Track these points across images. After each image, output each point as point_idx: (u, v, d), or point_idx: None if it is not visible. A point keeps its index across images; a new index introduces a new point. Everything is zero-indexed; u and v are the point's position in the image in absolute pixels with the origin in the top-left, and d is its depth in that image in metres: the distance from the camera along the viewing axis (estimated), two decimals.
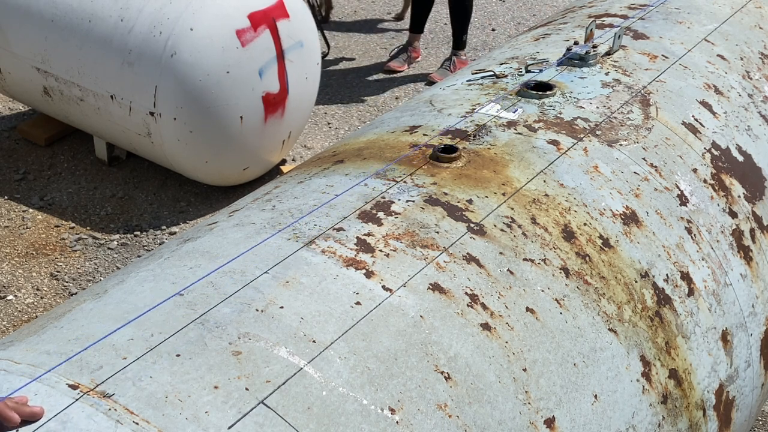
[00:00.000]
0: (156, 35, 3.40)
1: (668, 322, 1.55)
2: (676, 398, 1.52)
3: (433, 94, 2.01)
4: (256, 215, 1.46)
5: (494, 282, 1.36)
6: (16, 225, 3.72)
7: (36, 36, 3.69)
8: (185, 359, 1.07)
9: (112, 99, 3.57)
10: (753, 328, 1.77)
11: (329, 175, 1.60)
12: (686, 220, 1.70)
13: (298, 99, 3.89)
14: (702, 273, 1.66)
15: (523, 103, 1.83)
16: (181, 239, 1.46)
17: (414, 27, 5.52)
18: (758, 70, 2.25)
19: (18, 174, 4.07)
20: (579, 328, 1.39)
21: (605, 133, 1.77)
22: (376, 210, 1.44)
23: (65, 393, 1.00)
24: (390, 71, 5.43)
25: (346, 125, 4.75)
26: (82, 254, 3.54)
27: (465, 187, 1.53)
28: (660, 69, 2.05)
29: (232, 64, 3.46)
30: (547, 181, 1.60)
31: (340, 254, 1.31)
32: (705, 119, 1.95)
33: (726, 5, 2.48)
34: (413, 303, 1.26)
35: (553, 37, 2.26)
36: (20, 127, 4.36)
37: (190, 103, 3.44)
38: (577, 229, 1.53)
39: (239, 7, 3.50)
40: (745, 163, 1.94)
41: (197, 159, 3.66)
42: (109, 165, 4.11)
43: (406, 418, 1.12)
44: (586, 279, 1.46)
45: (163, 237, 3.67)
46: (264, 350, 1.11)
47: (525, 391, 1.27)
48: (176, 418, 0.99)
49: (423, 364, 1.19)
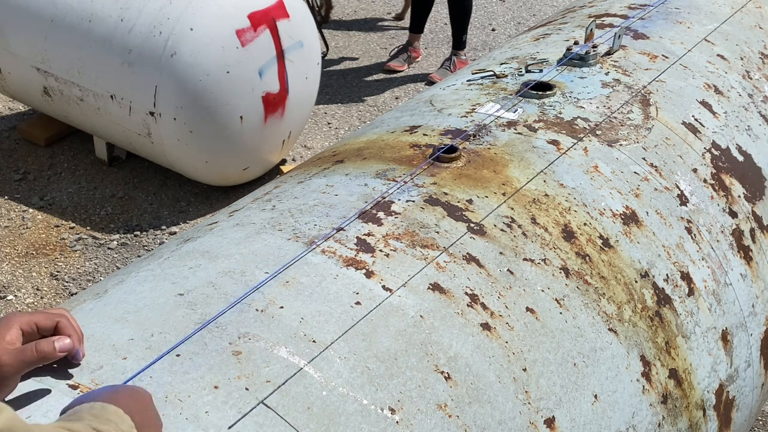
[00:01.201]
0: (156, 35, 3.40)
1: (668, 322, 1.55)
2: (676, 398, 1.52)
3: (433, 94, 2.01)
4: (256, 215, 1.46)
5: (494, 282, 1.36)
6: (16, 225, 3.72)
7: (36, 36, 3.69)
8: (185, 359, 1.07)
9: (112, 99, 3.57)
10: (753, 328, 1.77)
11: (329, 175, 1.60)
12: (686, 220, 1.70)
13: (298, 99, 3.89)
14: (702, 273, 1.66)
15: (523, 103, 1.83)
16: (181, 239, 1.46)
17: (414, 27, 5.52)
18: (758, 70, 2.25)
19: (18, 174, 4.07)
20: (579, 328, 1.39)
21: (605, 133, 1.77)
22: (376, 210, 1.44)
23: (65, 393, 1.00)
24: (390, 71, 5.43)
25: (346, 125, 4.75)
26: (82, 254, 3.54)
27: (465, 187, 1.53)
28: (660, 69, 2.05)
29: (232, 64, 3.46)
30: (547, 181, 1.60)
31: (340, 254, 1.31)
32: (705, 119, 1.95)
33: (726, 5, 2.48)
34: (413, 303, 1.26)
35: (553, 37, 2.26)
36: (20, 127, 4.36)
37: (190, 103, 3.44)
38: (577, 229, 1.53)
39: (239, 7, 3.50)
40: (745, 163, 1.94)
41: (197, 159, 3.66)
42: (109, 165, 4.11)
43: (406, 418, 1.12)
44: (586, 279, 1.46)
45: (163, 237, 3.67)
46: (264, 350, 1.11)
47: (525, 391, 1.27)
48: (176, 418, 0.99)
49: (423, 364, 1.19)
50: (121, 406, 0.88)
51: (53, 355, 1.00)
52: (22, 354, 0.97)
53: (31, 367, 0.98)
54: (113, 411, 0.87)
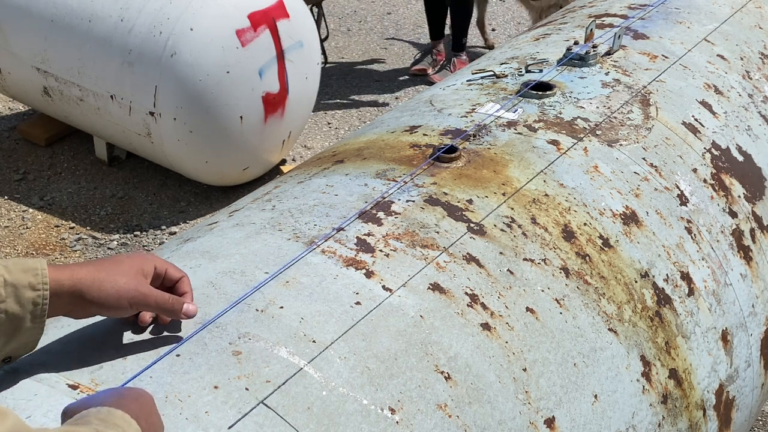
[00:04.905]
0: (156, 35, 3.40)
1: (668, 322, 1.55)
2: (676, 398, 1.52)
3: (433, 94, 2.01)
4: (256, 215, 1.46)
5: (494, 282, 1.36)
6: (16, 225, 3.72)
7: (36, 36, 3.69)
8: (185, 359, 1.07)
9: (112, 99, 3.57)
10: (753, 328, 1.77)
11: (329, 175, 1.60)
12: (686, 220, 1.70)
13: (298, 99, 3.89)
14: (702, 273, 1.66)
15: (523, 103, 1.83)
16: (181, 239, 1.46)
17: (433, 34, 5.45)
18: (758, 70, 2.25)
19: (18, 174, 4.07)
20: (579, 328, 1.39)
21: (605, 133, 1.77)
22: (376, 210, 1.44)
23: (65, 393, 1.00)
24: (415, 74, 5.38)
25: (346, 125, 4.76)
26: (82, 254, 3.54)
27: (465, 187, 1.53)
28: (660, 69, 2.05)
29: (232, 64, 3.46)
30: (547, 181, 1.60)
31: (340, 254, 1.31)
32: (705, 119, 1.95)
33: (726, 5, 2.48)
34: (413, 303, 1.26)
35: (553, 37, 2.26)
36: (20, 127, 4.36)
37: (190, 103, 3.44)
38: (577, 229, 1.53)
39: (239, 7, 3.50)
40: (745, 163, 1.94)
41: (197, 159, 3.66)
42: (109, 165, 4.11)
43: (406, 418, 1.12)
44: (586, 279, 1.46)
45: (163, 237, 3.67)
46: (264, 350, 1.11)
47: (525, 391, 1.27)
48: (176, 418, 0.99)
49: (423, 364, 1.19)
50: (127, 410, 0.89)
51: (179, 315, 1.09)
52: (161, 298, 1.07)
53: (149, 310, 1.09)
54: (120, 416, 0.88)
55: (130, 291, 1.04)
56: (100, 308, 1.04)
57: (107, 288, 1.03)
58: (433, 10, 5.35)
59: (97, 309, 1.04)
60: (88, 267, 1.04)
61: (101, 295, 1.02)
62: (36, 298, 0.97)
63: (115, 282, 1.03)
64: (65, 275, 1.01)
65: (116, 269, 1.05)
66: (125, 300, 1.04)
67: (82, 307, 1.03)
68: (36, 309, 0.97)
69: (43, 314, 0.98)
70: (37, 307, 0.97)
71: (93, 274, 1.03)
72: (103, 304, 1.03)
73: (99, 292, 1.02)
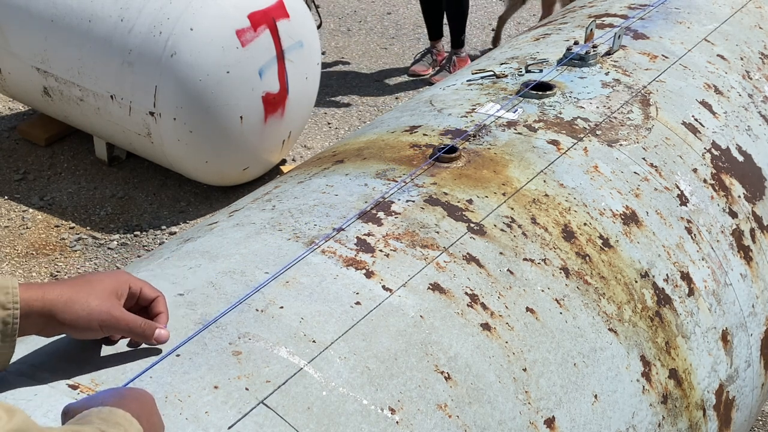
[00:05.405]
0: (156, 35, 3.40)
1: (668, 322, 1.55)
2: (676, 398, 1.52)
3: (433, 94, 2.01)
4: (256, 215, 1.46)
5: (494, 282, 1.36)
6: (16, 225, 3.72)
7: (36, 36, 3.69)
8: (185, 359, 1.07)
9: (112, 99, 3.57)
10: (753, 328, 1.77)
11: (329, 175, 1.60)
12: (686, 220, 1.70)
13: (298, 99, 3.89)
14: (702, 273, 1.66)
15: (523, 103, 1.83)
16: (181, 239, 1.46)
17: (432, 34, 5.44)
18: (758, 70, 2.25)
19: (18, 174, 4.07)
20: (579, 328, 1.39)
21: (605, 133, 1.77)
22: (376, 210, 1.44)
23: (65, 393, 1.00)
24: (414, 75, 5.37)
25: (346, 125, 4.76)
26: (82, 254, 3.54)
27: (465, 187, 1.53)
28: (660, 69, 2.05)
29: (232, 64, 3.46)
30: (547, 181, 1.60)
31: (340, 254, 1.31)
32: (705, 119, 1.95)
33: (726, 5, 2.48)
34: (413, 303, 1.26)
35: (553, 37, 2.26)
36: (20, 127, 4.36)
37: (190, 103, 3.44)
38: (577, 229, 1.53)
39: (239, 7, 3.50)
40: (745, 163, 1.94)
41: (197, 159, 3.66)
42: (109, 165, 4.11)
43: (406, 418, 1.12)
44: (586, 279, 1.46)
45: (163, 237, 3.67)
46: (264, 350, 1.11)
47: (525, 391, 1.27)
48: (176, 418, 0.99)
49: (423, 364, 1.19)
50: (128, 410, 0.89)
51: (150, 341, 1.07)
52: (133, 323, 1.05)
53: (121, 334, 1.06)
54: (122, 415, 0.87)
55: (102, 314, 1.02)
56: (71, 329, 1.02)
57: (77, 310, 1.01)
58: (429, 11, 5.35)
59: (67, 330, 1.03)
60: (61, 287, 1.02)
61: (72, 318, 1.00)
62: (6, 317, 0.96)
63: (87, 304, 1.01)
64: (36, 295, 0.99)
65: (89, 290, 1.03)
66: (96, 323, 1.02)
67: (53, 327, 1.01)
68: (6, 328, 0.96)
69: (14, 333, 0.97)
70: (7, 326, 0.96)
71: (65, 295, 1.01)
72: (73, 326, 1.01)
73: (70, 314, 1.00)
